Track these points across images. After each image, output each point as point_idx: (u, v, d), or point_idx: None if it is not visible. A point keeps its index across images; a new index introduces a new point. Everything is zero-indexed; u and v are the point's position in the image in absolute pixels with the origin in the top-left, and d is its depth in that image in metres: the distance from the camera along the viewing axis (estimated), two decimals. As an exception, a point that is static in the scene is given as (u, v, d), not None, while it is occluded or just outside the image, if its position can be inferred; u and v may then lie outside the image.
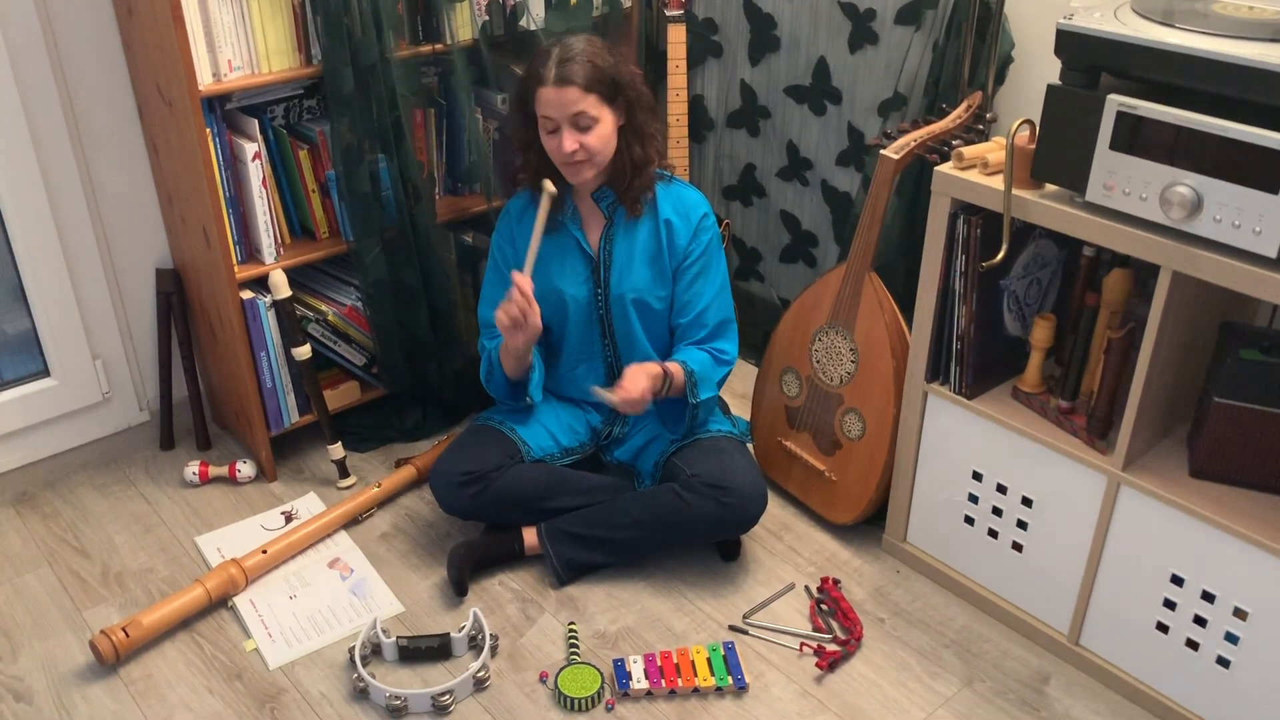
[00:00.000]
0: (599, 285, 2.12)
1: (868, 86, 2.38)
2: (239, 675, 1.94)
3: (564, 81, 1.91)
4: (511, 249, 2.14)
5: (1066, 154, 1.66)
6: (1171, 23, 1.55)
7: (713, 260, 2.12)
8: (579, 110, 1.92)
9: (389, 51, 2.17)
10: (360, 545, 2.24)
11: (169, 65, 2.01)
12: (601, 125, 1.96)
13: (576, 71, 1.91)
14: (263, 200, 2.19)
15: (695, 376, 2.08)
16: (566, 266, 2.12)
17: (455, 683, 1.84)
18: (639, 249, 2.10)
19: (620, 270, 2.11)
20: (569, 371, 2.24)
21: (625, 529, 2.08)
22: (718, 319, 2.13)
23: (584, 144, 1.95)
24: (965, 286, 1.88)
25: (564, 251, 2.12)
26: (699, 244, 2.09)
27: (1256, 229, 1.47)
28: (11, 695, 1.90)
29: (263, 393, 2.34)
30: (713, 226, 2.12)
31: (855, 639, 1.99)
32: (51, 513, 2.34)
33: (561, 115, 1.93)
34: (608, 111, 1.97)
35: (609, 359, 2.21)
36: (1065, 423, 1.86)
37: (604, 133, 1.97)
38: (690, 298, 2.11)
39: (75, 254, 2.30)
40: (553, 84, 1.91)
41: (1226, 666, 1.73)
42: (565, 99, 1.91)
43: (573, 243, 2.11)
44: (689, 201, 2.11)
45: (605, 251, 2.10)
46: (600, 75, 1.93)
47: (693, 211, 2.10)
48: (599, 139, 1.96)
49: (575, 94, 1.91)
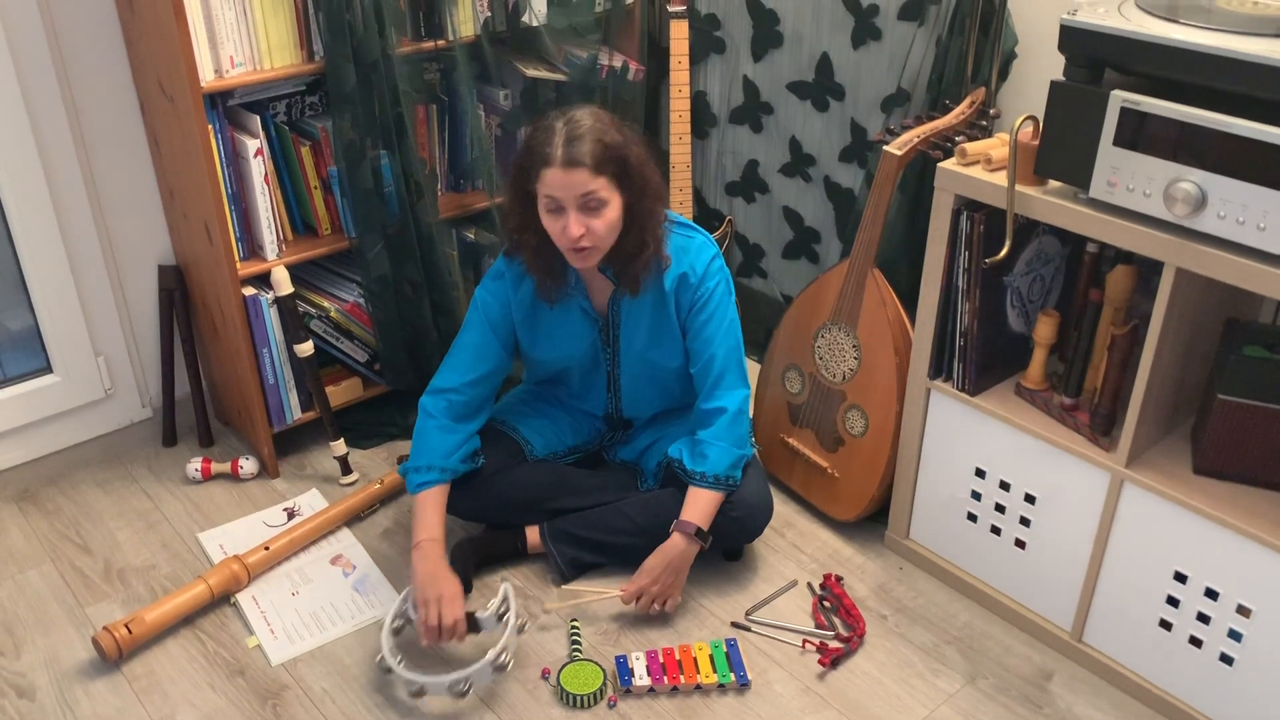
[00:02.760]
0: (608, 344, 2.07)
1: (871, 82, 2.38)
2: (241, 672, 1.94)
3: (573, 163, 1.75)
4: (503, 314, 2.02)
5: (1070, 150, 1.65)
6: (1175, 18, 1.55)
7: (720, 305, 1.99)
8: (588, 191, 1.78)
9: (391, 48, 2.17)
10: (362, 542, 2.24)
11: (171, 61, 2.01)
12: (610, 209, 1.81)
13: (586, 151, 1.75)
14: (265, 196, 2.19)
15: (709, 481, 1.96)
16: (569, 330, 2.05)
17: (472, 670, 1.80)
18: (648, 310, 2.01)
19: (629, 333, 2.04)
20: (578, 388, 2.22)
21: (628, 535, 2.07)
22: (722, 366, 2.00)
23: (590, 228, 1.80)
24: (968, 283, 1.87)
25: (565, 314, 2.04)
26: (705, 291, 1.97)
27: (1261, 225, 1.46)
28: (14, 691, 1.90)
29: (265, 389, 2.34)
30: (720, 270, 2.00)
31: (858, 636, 1.99)
32: (54, 509, 2.35)
33: (568, 197, 1.78)
34: (615, 193, 1.82)
35: (610, 409, 2.20)
36: (1069, 419, 1.86)
37: (612, 217, 1.82)
38: (699, 345, 2.01)
39: (77, 250, 2.30)
40: (560, 165, 1.76)
41: (1230, 664, 1.72)
42: (573, 181, 1.76)
43: (577, 310, 2.03)
44: (693, 251, 1.98)
45: (613, 313, 2.03)
46: (610, 155, 1.78)
47: (698, 261, 1.97)
48: (606, 224, 1.81)
49: (584, 176, 1.76)
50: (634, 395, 2.15)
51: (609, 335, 2.06)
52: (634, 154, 1.82)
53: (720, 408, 1.99)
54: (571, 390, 2.22)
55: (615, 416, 2.22)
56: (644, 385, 2.13)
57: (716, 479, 1.97)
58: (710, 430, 1.99)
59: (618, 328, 2.04)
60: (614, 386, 2.15)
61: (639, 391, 2.14)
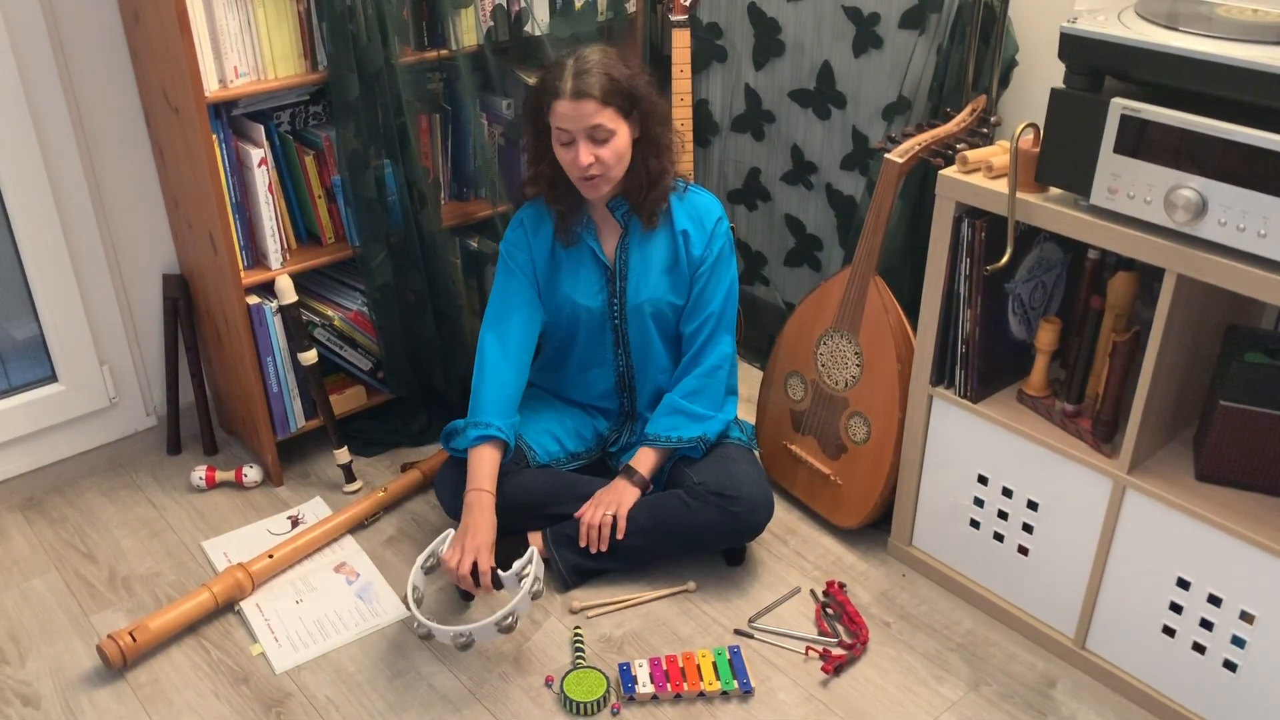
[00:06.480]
0: (614, 295, 2.11)
1: (872, 90, 2.39)
2: (245, 679, 1.94)
3: (581, 94, 1.87)
4: (526, 257, 2.11)
5: (1071, 157, 1.66)
6: (1175, 26, 1.55)
7: (722, 263, 2.10)
8: (596, 123, 1.89)
9: (394, 57, 2.18)
10: (366, 550, 2.25)
11: (175, 72, 2.02)
12: (618, 138, 1.93)
13: (593, 84, 1.87)
14: (269, 206, 2.20)
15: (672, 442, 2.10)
16: (581, 278, 2.11)
17: (476, 626, 1.83)
18: (655, 258, 2.09)
19: (637, 280, 2.10)
20: (579, 374, 2.24)
21: (630, 536, 2.07)
22: (717, 322, 2.11)
23: (600, 157, 1.92)
24: (970, 290, 1.88)
25: (578, 263, 2.11)
26: (712, 251, 2.08)
27: (1261, 232, 1.46)
28: (19, 700, 1.90)
29: (269, 397, 2.34)
30: (726, 232, 2.10)
31: (861, 643, 1.99)
32: (59, 518, 2.35)
33: (578, 128, 1.90)
34: (624, 124, 1.94)
35: (620, 368, 2.21)
36: (1070, 426, 1.86)
37: (620, 146, 1.94)
38: (699, 302, 2.11)
39: (82, 260, 2.31)
40: (569, 96, 1.87)
41: (1233, 670, 1.72)
42: (582, 112, 1.88)
43: (588, 254, 2.10)
44: (703, 208, 2.09)
45: (621, 261, 2.09)
46: (617, 87, 1.90)
47: (707, 217, 2.08)
48: (614, 153, 1.93)
49: (592, 106, 1.88)
50: (642, 350, 2.17)
51: (615, 286, 2.10)
52: (640, 84, 1.94)
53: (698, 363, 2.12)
54: (576, 369, 2.23)
55: (627, 379, 2.22)
56: (651, 336, 2.15)
57: (656, 438, 2.11)
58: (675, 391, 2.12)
59: (625, 278, 2.09)
60: (622, 343, 2.17)
61: (647, 344, 2.16)
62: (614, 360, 2.20)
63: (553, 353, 2.25)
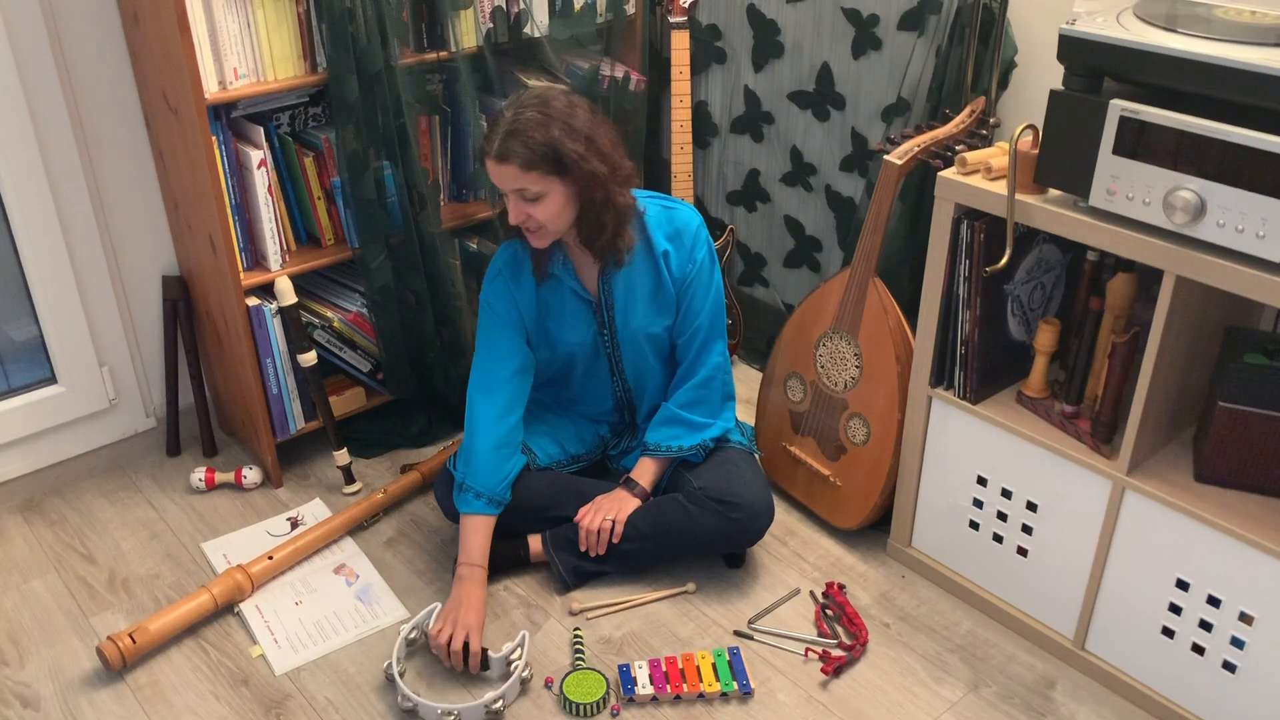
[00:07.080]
0: (604, 326, 2.09)
1: (871, 92, 2.39)
2: (245, 681, 1.94)
3: (502, 158, 1.82)
4: (509, 308, 2.05)
5: (1070, 159, 1.66)
6: (1174, 28, 1.55)
7: (705, 272, 2.06)
8: (519, 186, 1.84)
9: (394, 59, 2.18)
10: (366, 551, 2.25)
11: (175, 73, 2.02)
12: (550, 199, 1.86)
13: (515, 149, 1.80)
14: (268, 207, 2.20)
15: (673, 451, 2.10)
16: (567, 315, 2.07)
17: (464, 707, 1.81)
18: (639, 284, 2.05)
19: (624, 309, 2.06)
20: (577, 397, 2.23)
21: (630, 540, 2.07)
22: (707, 332, 2.09)
23: (532, 214, 1.87)
24: (969, 291, 1.88)
25: (561, 301, 2.06)
26: (694, 261, 2.04)
27: (1260, 233, 1.47)
28: (19, 701, 1.90)
29: (268, 399, 2.34)
30: (706, 239, 2.06)
31: (860, 644, 1.99)
32: (58, 519, 2.35)
33: (504, 188, 1.87)
34: (556, 183, 1.85)
35: (618, 391, 2.21)
36: (1070, 427, 1.86)
37: (553, 206, 1.86)
38: (688, 315, 2.07)
39: (82, 261, 2.31)
40: (493, 158, 1.83)
41: (1232, 671, 1.72)
42: (504, 175, 1.84)
43: (568, 291, 2.05)
44: (680, 221, 2.04)
45: (605, 292, 2.05)
46: (544, 154, 1.81)
47: (685, 231, 2.03)
48: (547, 212, 1.87)
49: (513, 171, 1.82)
50: (638, 373, 2.17)
51: (604, 316, 2.08)
52: (571, 149, 1.82)
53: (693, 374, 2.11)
54: (575, 390, 2.23)
55: (625, 400, 2.23)
56: (646, 359, 2.14)
57: (657, 448, 2.12)
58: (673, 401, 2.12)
59: (611, 308, 2.07)
60: (617, 369, 2.16)
61: (642, 367, 2.15)
62: (611, 384, 2.20)
63: (549, 381, 2.25)
